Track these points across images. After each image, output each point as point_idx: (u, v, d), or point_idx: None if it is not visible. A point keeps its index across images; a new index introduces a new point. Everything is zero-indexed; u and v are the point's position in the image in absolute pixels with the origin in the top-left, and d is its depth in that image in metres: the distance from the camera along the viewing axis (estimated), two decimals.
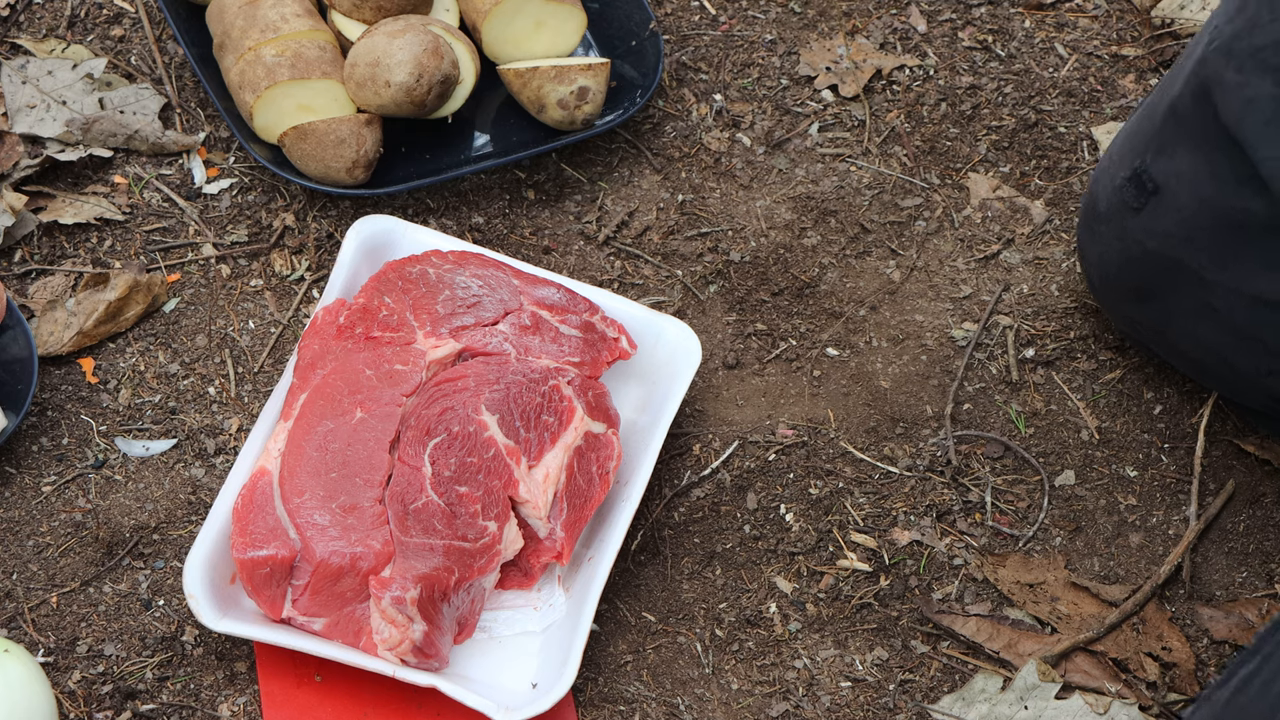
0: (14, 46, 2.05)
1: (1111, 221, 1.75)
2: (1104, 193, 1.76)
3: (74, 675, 1.68)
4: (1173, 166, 1.68)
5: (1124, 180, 1.73)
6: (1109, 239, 1.76)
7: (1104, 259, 1.78)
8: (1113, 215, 1.75)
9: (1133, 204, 1.71)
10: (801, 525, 1.80)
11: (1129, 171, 1.72)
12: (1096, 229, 1.78)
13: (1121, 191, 1.73)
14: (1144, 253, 1.72)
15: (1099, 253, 1.79)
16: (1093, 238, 1.79)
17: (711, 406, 1.87)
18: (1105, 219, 1.76)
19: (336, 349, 1.74)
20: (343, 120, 1.88)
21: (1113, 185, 1.75)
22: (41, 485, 1.78)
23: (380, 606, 1.60)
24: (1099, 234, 1.78)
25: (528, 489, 1.69)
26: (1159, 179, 1.69)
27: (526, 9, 1.97)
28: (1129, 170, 1.72)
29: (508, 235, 1.96)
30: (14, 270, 1.90)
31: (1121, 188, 1.73)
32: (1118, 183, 1.74)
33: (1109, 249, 1.77)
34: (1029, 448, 1.86)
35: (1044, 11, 2.16)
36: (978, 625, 1.75)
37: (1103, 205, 1.76)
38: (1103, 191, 1.77)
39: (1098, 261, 1.80)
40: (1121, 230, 1.74)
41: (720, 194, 2.00)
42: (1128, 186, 1.72)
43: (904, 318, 1.93)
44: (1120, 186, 1.73)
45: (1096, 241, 1.78)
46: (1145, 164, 1.71)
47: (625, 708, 1.69)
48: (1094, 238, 1.79)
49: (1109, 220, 1.75)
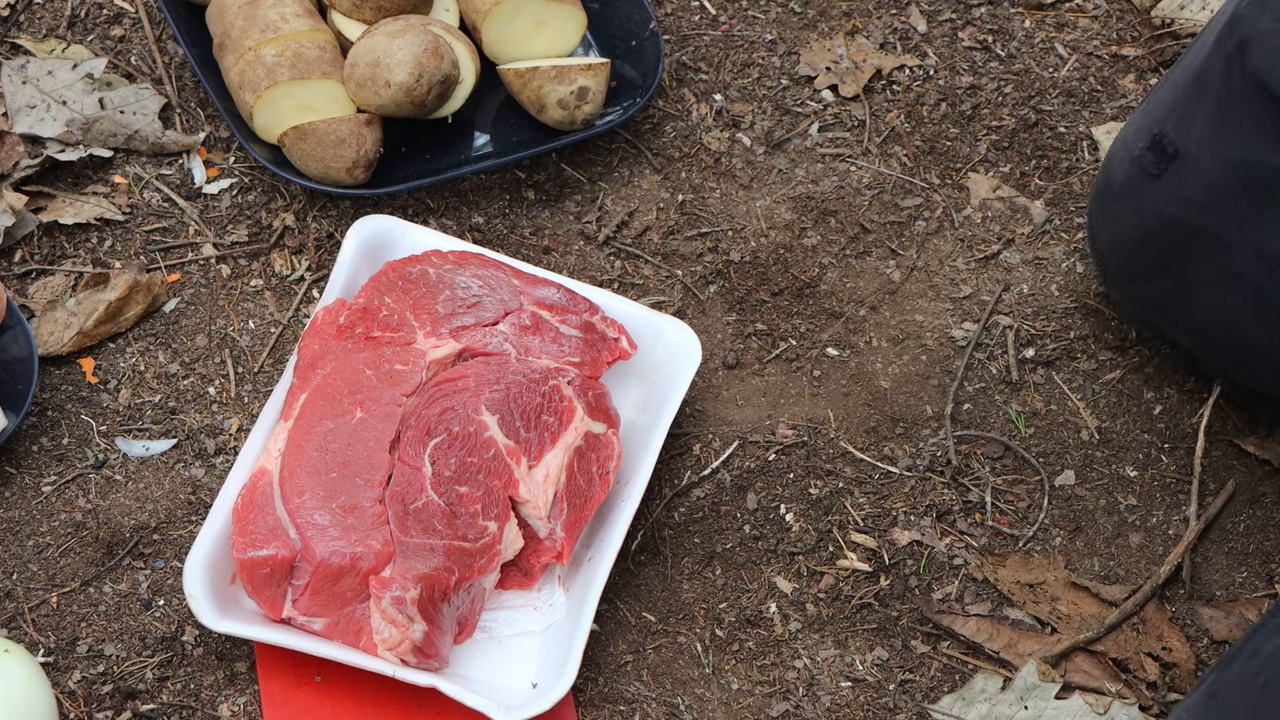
0: (14, 46, 2.05)
1: (1128, 196, 1.77)
2: (1119, 169, 1.78)
3: (74, 675, 1.68)
4: (1194, 131, 1.70)
5: (1142, 150, 1.75)
6: (1125, 214, 1.77)
7: (1117, 238, 1.80)
8: (1129, 188, 1.76)
9: (1152, 170, 1.73)
10: (801, 525, 1.80)
11: (1147, 141, 1.74)
12: (1110, 207, 1.80)
13: (1140, 160, 1.75)
14: (1162, 222, 1.74)
15: (1112, 232, 1.80)
16: (1107, 215, 1.81)
17: (711, 406, 1.87)
18: (1120, 195, 1.78)
19: (336, 349, 1.74)
20: (343, 120, 1.88)
21: (1130, 157, 1.77)
22: (41, 485, 1.78)
23: (380, 606, 1.60)
24: (1113, 212, 1.79)
25: (528, 489, 1.69)
26: (1180, 144, 1.71)
27: (526, 9, 1.97)
28: (1147, 140, 1.74)
29: (508, 235, 1.96)
30: (14, 270, 1.90)
31: (1140, 157, 1.75)
32: (1135, 153, 1.76)
33: (1124, 225, 1.78)
34: (1029, 448, 1.86)
35: (1044, 11, 2.16)
36: (978, 625, 1.75)
37: (1118, 181, 1.78)
38: (1118, 168, 1.78)
39: (1111, 240, 1.81)
40: (1139, 202, 1.75)
41: (720, 194, 2.00)
42: (1146, 155, 1.74)
43: (904, 318, 1.93)
44: (1138, 156, 1.75)
45: (1111, 219, 1.80)
46: (1165, 131, 1.73)
47: (625, 708, 1.69)
48: (1108, 215, 1.80)
49: (1125, 195, 1.77)
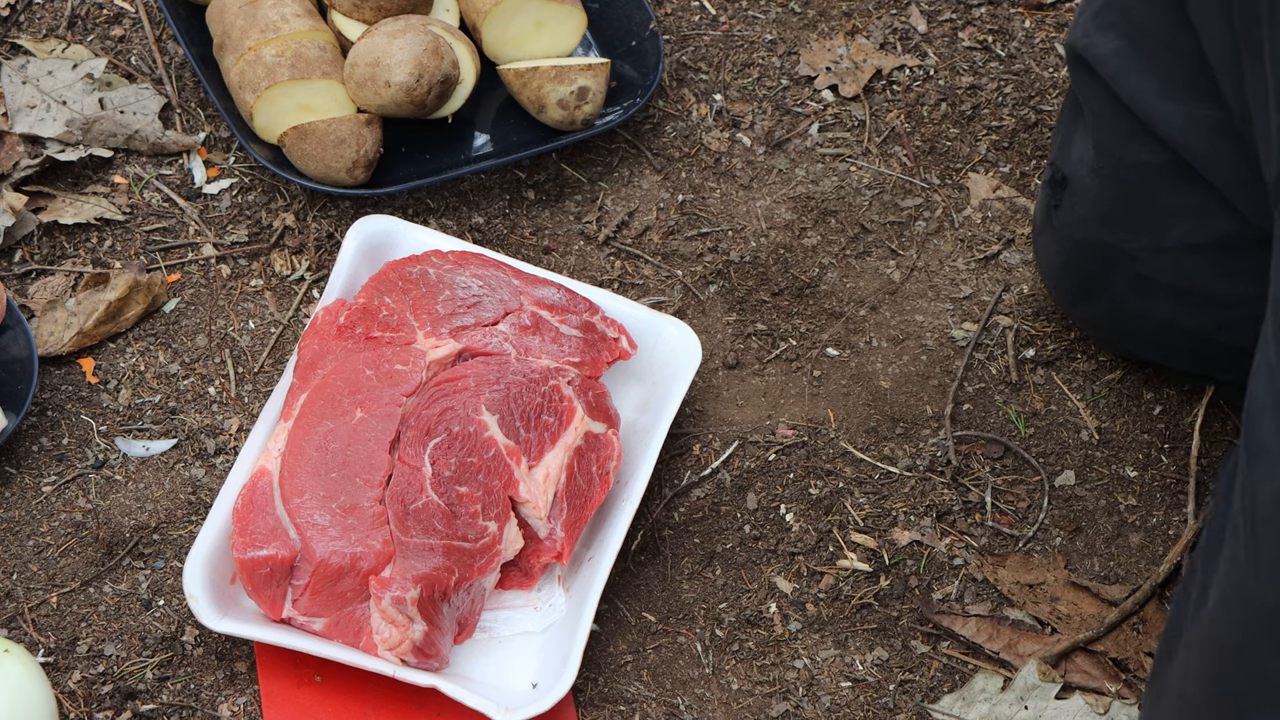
0: (14, 46, 2.05)
1: (1046, 228, 1.83)
2: (1039, 205, 1.85)
3: (74, 675, 1.68)
4: (1074, 153, 1.76)
5: (1044, 183, 1.82)
6: (1049, 247, 1.84)
7: (1051, 268, 1.86)
8: (1046, 221, 1.83)
9: (1053, 202, 1.79)
10: (801, 525, 1.80)
11: (1049, 174, 1.81)
12: (1039, 241, 1.86)
13: (1045, 198, 1.82)
14: (1074, 246, 1.79)
15: (1047, 263, 1.87)
16: (1039, 251, 1.87)
17: (711, 406, 1.87)
18: (1041, 229, 1.85)
19: (336, 349, 1.74)
20: (343, 120, 1.88)
21: (1040, 197, 1.84)
22: (41, 485, 1.78)
23: (380, 606, 1.60)
24: (1042, 245, 1.86)
25: (528, 489, 1.69)
26: (1066, 170, 1.77)
27: (526, 9, 1.97)
28: (1049, 173, 1.81)
29: (508, 235, 1.96)
30: (14, 270, 1.90)
31: (1044, 193, 1.82)
32: (1042, 192, 1.83)
33: (1051, 256, 1.85)
34: (1029, 448, 1.86)
35: (1044, 11, 2.16)
36: (978, 625, 1.75)
37: (1039, 216, 1.85)
38: (1039, 204, 1.85)
39: (1048, 273, 1.88)
40: (1053, 233, 1.82)
41: (720, 194, 2.00)
42: (1046, 189, 1.81)
43: (904, 318, 1.93)
44: (1044, 189, 1.82)
45: (1042, 254, 1.87)
46: (1055, 159, 1.79)
47: (625, 708, 1.69)
48: (1040, 251, 1.87)
49: (1044, 229, 1.84)
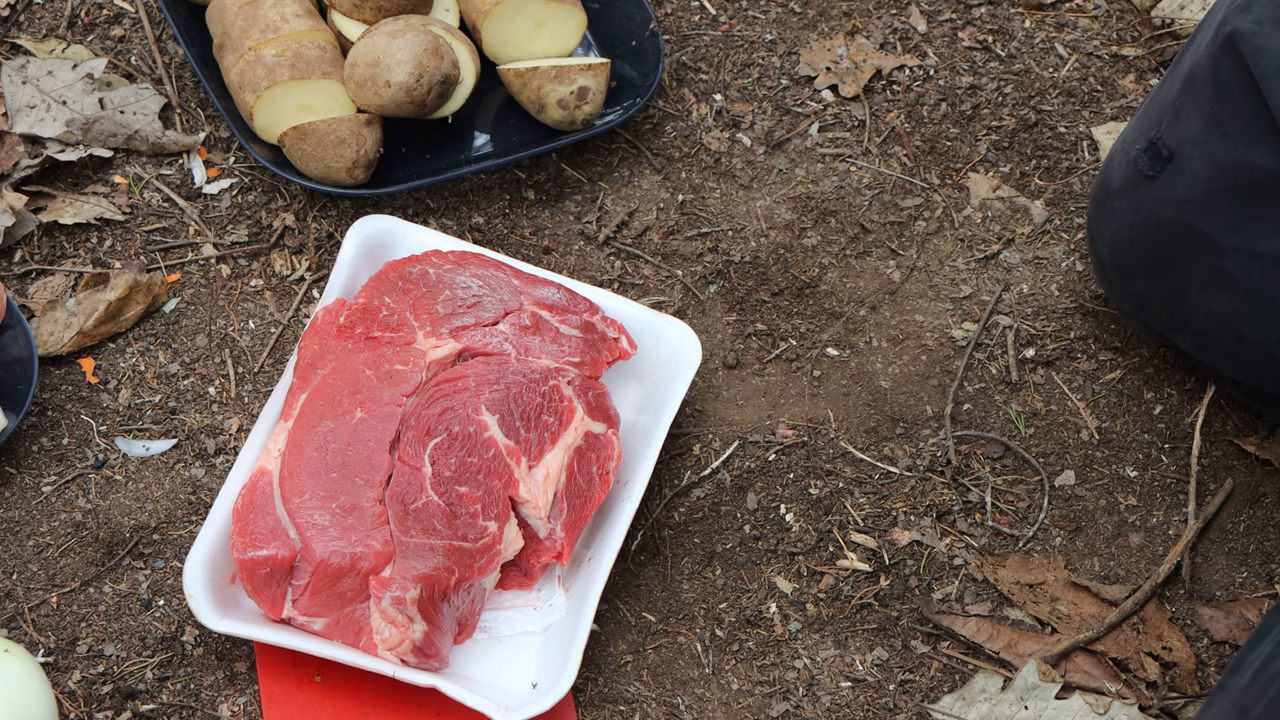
0: (14, 46, 2.05)
1: (1126, 195, 1.78)
2: (1118, 168, 1.80)
3: (74, 675, 1.68)
4: (1187, 132, 1.71)
5: (1139, 152, 1.77)
6: (1123, 213, 1.79)
7: (1116, 236, 1.81)
8: (1127, 188, 1.77)
9: (1148, 172, 1.75)
10: (801, 525, 1.80)
11: (1144, 143, 1.76)
12: (1109, 205, 1.81)
13: (1137, 163, 1.76)
14: (1158, 222, 1.75)
15: (1112, 230, 1.81)
16: (1105, 215, 1.82)
17: (711, 406, 1.87)
18: (1119, 194, 1.79)
19: (336, 349, 1.74)
20: (343, 120, 1.88)
21: (1127, 159, 1.78)
22: (41, 485, 1.78)
23: (380, 606, 1.60)
24: (1112, 210, 1.80)
25: (528, 489, 1.69)
26: (1174, 146, 1.72)
27: (526, 9, 1.97)
28: (1144, 142, 1.76)
29: (508, 235, 1.96)
30: (14, 270, 1.90)
31: (1136, 159, 1.76)
32: (1132, 155, 1.77)
33: (1122, 224, 1.79)
34: (1029, 448, 1.86)
35: (1044, 11, 2.16)
36: (978, 625, 1.75)
37: (1117, 180, 1.79)
38: (1117, 168, 1.80)
39: (1110, 240, 1.82)
40: (1136, 202, 1.76)
41: (720, 194, 2.00)
42: (1142, 157, 1.76)
43: (904, 318, 1.93)
44: (1135, 158, 1.77)
45: (1109, 219, 1.81)
46: (1160, 133, 1.74)
47: (625, 708, 1.69)
48: (1106, 215, 1.81)
49: (1123, 194, 1.78)
